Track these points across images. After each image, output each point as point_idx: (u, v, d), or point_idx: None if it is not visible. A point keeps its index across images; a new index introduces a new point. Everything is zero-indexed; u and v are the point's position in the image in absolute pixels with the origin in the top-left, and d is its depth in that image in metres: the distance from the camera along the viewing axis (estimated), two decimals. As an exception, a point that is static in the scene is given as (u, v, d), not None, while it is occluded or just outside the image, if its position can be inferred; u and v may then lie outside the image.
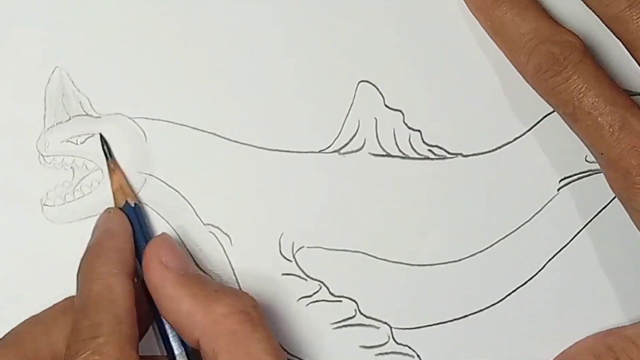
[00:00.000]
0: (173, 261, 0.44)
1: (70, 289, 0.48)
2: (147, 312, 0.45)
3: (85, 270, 0.44)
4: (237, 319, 0.41)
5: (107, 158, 0.48)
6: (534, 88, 0.47)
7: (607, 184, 0.47)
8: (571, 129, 0.47)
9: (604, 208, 0.50)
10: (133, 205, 0.48)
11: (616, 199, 0.50)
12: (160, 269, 0.43)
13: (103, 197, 0.49)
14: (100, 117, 0.49)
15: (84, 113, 0.49)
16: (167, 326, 0.45)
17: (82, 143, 0.49)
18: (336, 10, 0.50)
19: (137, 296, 0.43)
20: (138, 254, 0.46)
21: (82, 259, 0.45)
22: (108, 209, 0.48)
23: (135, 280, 0.45)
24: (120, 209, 0.47)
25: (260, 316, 0.42)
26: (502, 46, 0.48)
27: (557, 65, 0.45)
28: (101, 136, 0.48)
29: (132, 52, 0.50)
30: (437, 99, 0.50)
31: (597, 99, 0.45)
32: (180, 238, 0.49)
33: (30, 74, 0.49)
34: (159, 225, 0.49)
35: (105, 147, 0.48)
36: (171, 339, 0.45)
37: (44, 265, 0.49)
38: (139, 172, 0.49)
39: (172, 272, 0.43)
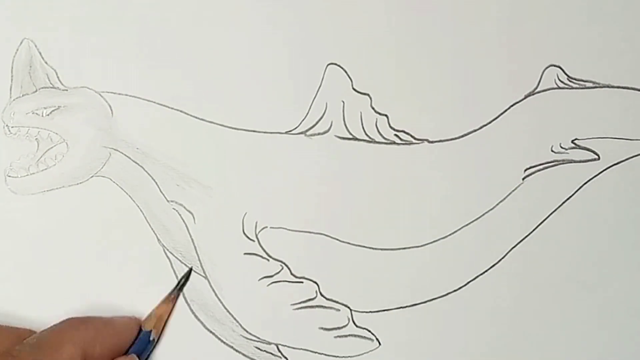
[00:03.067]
0: None
1: (32, 261, 0.49)
2: None
3: (70, 335, 0.44)
4: None
5: (176, 289, 0.49)
6: None
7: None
8: None
9: (568, 198, 0.50)
10: (150, 338, 0.48)
11: (581, 189, 0.50)
12: None
13: (67, 170, 0.49)
14: (67, 90, 0.49)
15: (51, 85, 0.49)
16: None
17: (47, 115, 0.49)
18: (306, -8, 0.51)
19: None
20: None
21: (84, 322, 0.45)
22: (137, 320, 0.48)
23: None
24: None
25: None
26: None
27: None
28: (190, 271, 0.49)
29: (101, 26, 0.50)
30: (406, 85, 0.50)
31: None
32: (143, 214, 0.49)
33: (-2, 44, 0.49)
34: (123, 200, 0.49)
35: (183, 281, 0.49)
36: None
37: (6, 236, 0.49)
38: (104, 147, 0.49)
39: None
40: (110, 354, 0.45)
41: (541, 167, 0.50)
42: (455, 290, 0.50)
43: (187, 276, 0.48)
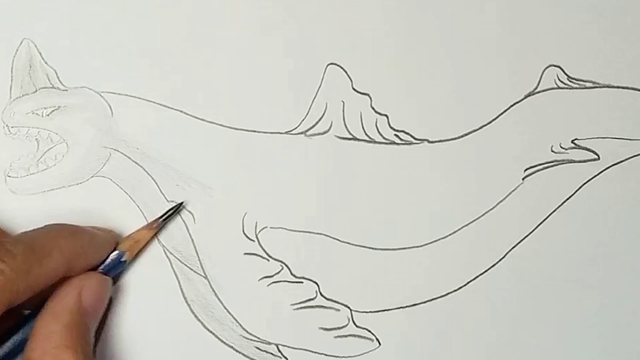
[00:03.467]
0: (89, 300, 0.44)
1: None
2: None
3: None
4: None
5: (162, 217, 0.48)
6: None
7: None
8: None
9: (568, 198, 0.50)
10: (122, 259, 0.47)
11: (581, 189, 0.50)
12: (74, 296, 0.43)
13: (67, 170, 0.49)
14: (67, 90, 0.49)
15: (51, 85, 0.49)
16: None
17: (47, 115, 0.49)
18: (306, -8, 0.51)
19: None
20: None
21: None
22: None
23: None
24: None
25: None
26: None
27: None
28: (180, 205, 0.49)
29: (101, 26, 0.50)
30: (405, 84, 0.51)
31: None
32: (143, 214, 0.49)
33: (-2, 44, 0.49)
34: (122, 200, 0.49)
35: (172, 212, 0.49)
36: None
37: (6, 236, 0.49)
38: (104, 147, 0.49)
39: (77, 307, 0.43)
40: (87, 269, 0.45)
41: (541, 167, 0.51)
42: (455, 290, 0.50)
43: (176, 209, 0.49)
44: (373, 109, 0.50)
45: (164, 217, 0.48)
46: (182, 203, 0.49)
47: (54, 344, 0.41)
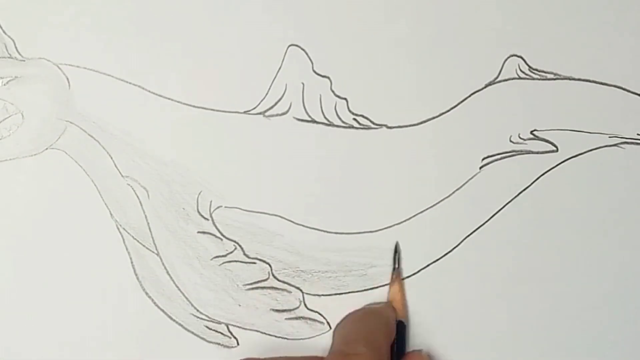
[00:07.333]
0: None
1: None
2: None
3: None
4: None
5: (394, 268, 0.49)
6: None
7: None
8: None
9: (524, 189, 0.50)
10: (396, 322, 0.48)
11: (537, 181, 0.50)
12: None
13: (21, 141, 0.49)
14: (24, 60, 0.49)
15: (8, 55, 0.49)
16: None
17: (4, 85, 0.49)
18: (268, -29, 0.50)
19: None
20: None
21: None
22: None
23: None
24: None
25: None
26: None
27: None
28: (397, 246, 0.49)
29: (61, -3, 0.50)
30: (366, 69, 0.50)
31: None
32: (97, 188, 0.49)
33: (-44, 12, 0.49)
34: (77, 174, 0.49)
35: (396, 255, 0.49)
36: None
37: (-42, 205, 0.49)
38: (60, 119, 0.49)
39: None
40: None
41: (499, 156, 0.50)
42: (407, 277, 0.50)
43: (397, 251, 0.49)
44: (333, 92, 0.50)
45: (395, 267, 0.49)
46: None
47: None
